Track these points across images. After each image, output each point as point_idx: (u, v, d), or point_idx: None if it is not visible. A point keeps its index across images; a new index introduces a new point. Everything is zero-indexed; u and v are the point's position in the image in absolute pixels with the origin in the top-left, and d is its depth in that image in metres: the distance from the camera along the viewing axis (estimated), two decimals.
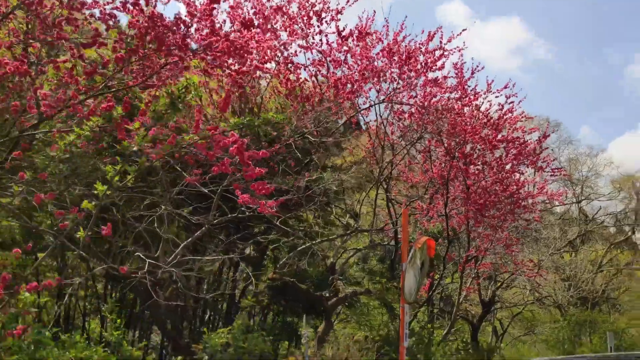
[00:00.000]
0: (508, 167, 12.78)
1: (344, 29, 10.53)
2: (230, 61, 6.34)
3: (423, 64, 10.48)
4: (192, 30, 5.82)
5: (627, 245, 36.60)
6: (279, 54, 10.73)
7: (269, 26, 10.21)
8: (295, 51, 10.77)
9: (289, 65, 10.62)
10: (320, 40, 10.68)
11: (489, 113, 12.27)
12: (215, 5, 5.82)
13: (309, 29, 10.77)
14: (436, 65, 10.57)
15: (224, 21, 9.68)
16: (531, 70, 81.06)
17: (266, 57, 10.33)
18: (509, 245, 15.49)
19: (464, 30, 18.00)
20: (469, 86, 12.59)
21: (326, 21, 10.65)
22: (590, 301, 29.47)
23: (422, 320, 20.47)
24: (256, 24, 9.59)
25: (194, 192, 10.13)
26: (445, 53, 10.71)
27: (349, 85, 10.76)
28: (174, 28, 5.24)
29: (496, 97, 12.72)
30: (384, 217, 16.84)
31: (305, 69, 11.25)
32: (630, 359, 23.13)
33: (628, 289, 31.96)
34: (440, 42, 10.43)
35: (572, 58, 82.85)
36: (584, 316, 26.46)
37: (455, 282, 17.54)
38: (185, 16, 5.42)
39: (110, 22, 5.35)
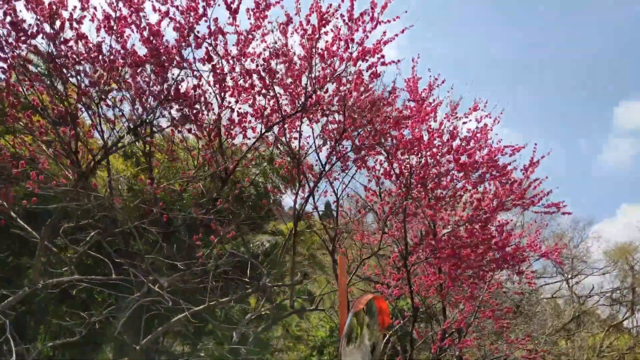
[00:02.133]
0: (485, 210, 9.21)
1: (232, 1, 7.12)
2: None
3: (345, 40, 7.18)
4: None
5: (625, 328, 32.64)
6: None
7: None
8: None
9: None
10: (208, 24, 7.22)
11: (455, 132, 8.92)
12: None
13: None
14: (365, 43, 7.28)
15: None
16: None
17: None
18: (498, 319, 11.70)
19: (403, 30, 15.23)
20: (422, 99, 9.57)
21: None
22: None
23: None
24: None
25: None
26: (386, 38, 7.55)
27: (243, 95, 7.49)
28: None
29: (463, 122, 9.45)
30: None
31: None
32: None
33: None
34: (372, 13, 7.17)
35: (545, 148, 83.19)
36: None
37: None
38: None
39: None
